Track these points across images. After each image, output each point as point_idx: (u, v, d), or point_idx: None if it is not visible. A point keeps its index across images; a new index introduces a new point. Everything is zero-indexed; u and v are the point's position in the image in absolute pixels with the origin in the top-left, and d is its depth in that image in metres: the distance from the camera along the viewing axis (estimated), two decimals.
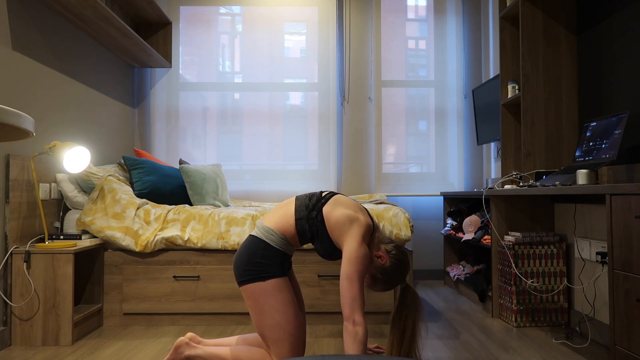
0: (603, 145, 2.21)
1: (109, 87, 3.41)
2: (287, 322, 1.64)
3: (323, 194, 1.78)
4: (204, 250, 2.61)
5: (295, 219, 1.71)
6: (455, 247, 3.68)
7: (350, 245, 1.63)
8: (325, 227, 1.70)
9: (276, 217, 1.74)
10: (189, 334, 1.87)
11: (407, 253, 1.82)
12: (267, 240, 1.68)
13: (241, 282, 1.67)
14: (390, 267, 1.74)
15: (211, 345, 1.87)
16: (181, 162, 3.28)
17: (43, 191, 2.50)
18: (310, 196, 1.77)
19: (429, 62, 4.03)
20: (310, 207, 1.72)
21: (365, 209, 1.81)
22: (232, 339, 1.86)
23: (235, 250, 2.60)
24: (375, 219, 1.86)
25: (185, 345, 1.81)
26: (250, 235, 1.74)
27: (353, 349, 1.54)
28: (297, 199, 1.77)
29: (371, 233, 1.74)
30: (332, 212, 1.70)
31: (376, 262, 1.74)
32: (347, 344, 1.55)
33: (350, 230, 1.66)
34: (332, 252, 1.75)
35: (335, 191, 1.85)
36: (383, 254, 1.74)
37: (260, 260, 1.66)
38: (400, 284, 1.77)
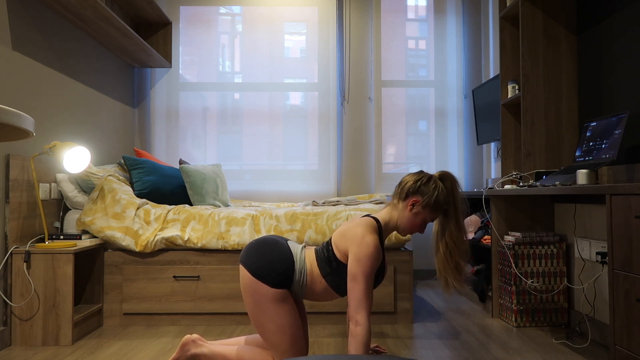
0: (603, 145, 2.21)
1: (109, 87, 3.41)
2: (287, 326, 1.65)
3: (331, 239, 1.77)
4: (204, 250, 2.61)
5: (323, 277, 1.71)
6: None
7: (353, 247, 1.63)
8: (346, 265, 1.69)
9: (311, 264, 1.72)
10: (194, 336, 1.87)
11: (410, 173, 1.80)
12: (296, 270, 1.68)
13: (253, 273, 1.65)
14: (425, 190, 1.71)
15: (216, 344, 1.87)
16: (181, 162, 3.28)
17: (43, 191, 2.50)
18: (323, 248, 1.75)
19: (429, 62, 4.03)
20: (327, 260, 1.71)
21: (369, 215, 1.79)
22: (236, 340, 1.86)
23: (236, 250, 2.60)
24: (381, 216, 1.82)
25: (192, 343, 1.81)
26: (289, 244, 1.73)
27: (354, 349, 1.56)
28: (317, 256, 1.74)
29: (378, 227, 1.70)
30: (336, 244, 1.70)
31: (417, 207, 1.71)
32: (350, 344, 1.57)
33: (349, 235, 1.65)
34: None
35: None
36: (411, 200, 1.72)
37: (279, 271, 1.66)
38: (437, 180, 1.75)
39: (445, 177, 1.76)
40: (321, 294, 1.74)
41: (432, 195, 1.71)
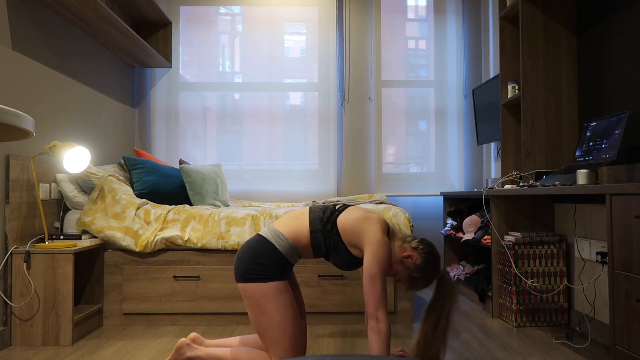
0: (603, 145, 2.21)
1: (109, 87, 3.41)
2: (287, 323, 1.65)
3: (337, 207, 1.78)
4: (204, 250, 2.61)
5: (310, 232, 1.71)
6: (455, 247, 3.68)
7: (371, 245, 1.63)
8: (342, 239, 1.70)
9: (290, 224, 1.73)
10: (192, 335, 1.87)
11: (432, 243, 1.79)
12: (274, 244, 1.68)
13: (242, 279, 1.67)
14: (423, 262, 1.71)
15: (212, 346, 1.87)
16: (181, 162, 3.28)
17: (43, 191, 2.50)
18: (324, 209, 1.76)
19: (429, 62, 4.03)
20: (325, 220, 1.72)
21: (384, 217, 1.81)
22: (233, 340, 1.87)
23: (235, 250, 2.60)
24: (390, 222, 1.84)
25: (187, 347, 1.82)
26: (258, 234, 1.75)
27: (378, 345, 1.56)
28: (311, 211, 1.76)
29: (387, 231, 1.73)
30: (346, 220, 1.70)
31: (407, 262, 1.72)
32: (372, 341, 1.58)
33: (367, 231, 1.66)
34: (351, 263, 1.74)
35: (348, 204, 1.86)
36: (411, 253, 1.72)
37: (264, 261, 1.66)
38: (437, 275, 1.75)
39: (445, 281, 1.72)
40: (305, 249, 1.73)
41: (420, 270, 1.71)
